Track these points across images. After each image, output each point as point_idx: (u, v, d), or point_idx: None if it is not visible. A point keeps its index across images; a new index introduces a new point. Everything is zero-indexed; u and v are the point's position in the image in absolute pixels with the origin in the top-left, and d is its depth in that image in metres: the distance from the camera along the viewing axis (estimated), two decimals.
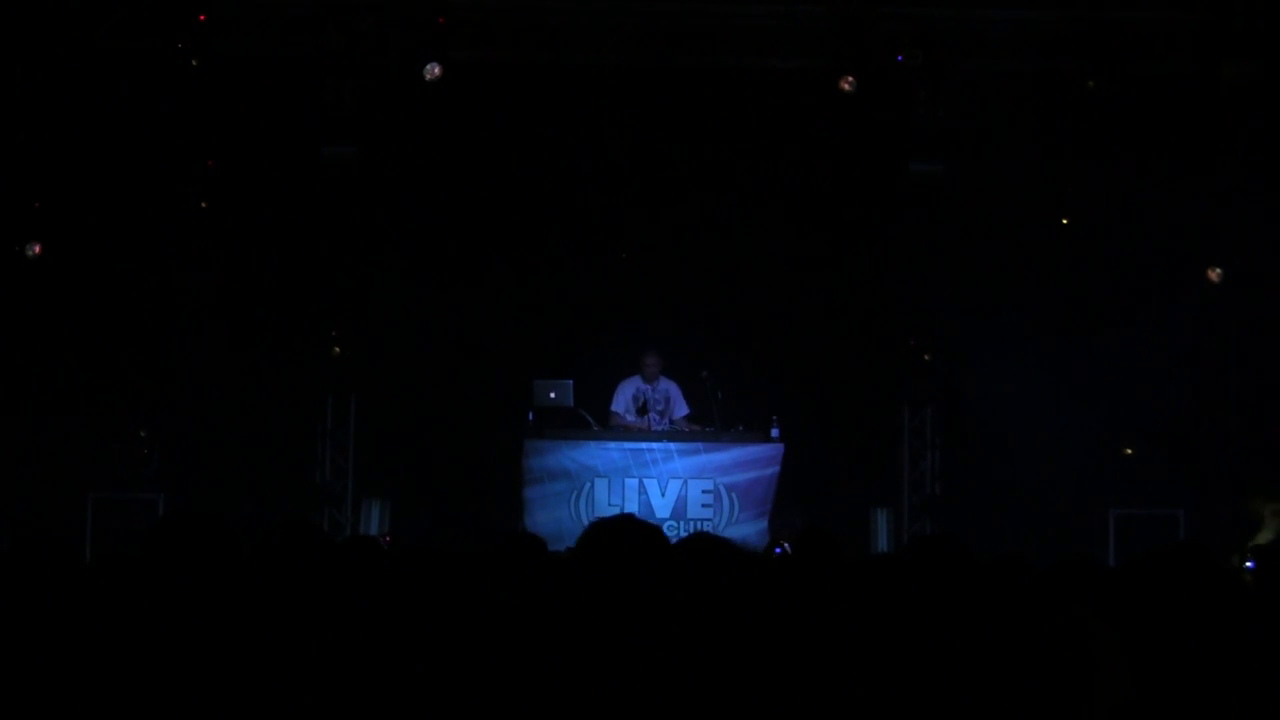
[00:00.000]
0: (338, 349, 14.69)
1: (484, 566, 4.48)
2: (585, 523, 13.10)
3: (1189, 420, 14.16)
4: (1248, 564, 8.62)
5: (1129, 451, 14.22)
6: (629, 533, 3.59)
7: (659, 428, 13.84)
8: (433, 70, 13.50)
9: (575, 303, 14.82)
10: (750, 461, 13.60)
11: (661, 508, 13.48)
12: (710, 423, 13.76)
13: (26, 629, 3.97)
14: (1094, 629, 3.23)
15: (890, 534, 14.48)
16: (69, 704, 3.63)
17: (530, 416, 13.55)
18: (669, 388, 14.05)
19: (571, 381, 13.70)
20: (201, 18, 13.47)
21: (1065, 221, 14.46)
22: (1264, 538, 9.96)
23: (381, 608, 4.06)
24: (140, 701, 3.55)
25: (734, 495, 13.49)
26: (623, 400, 14.02)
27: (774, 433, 13.59)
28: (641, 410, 13.83)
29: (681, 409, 14.01)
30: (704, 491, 13.52)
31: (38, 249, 13.58)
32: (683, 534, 11.39)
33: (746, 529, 13.32)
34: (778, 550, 9.96)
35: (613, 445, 13.61)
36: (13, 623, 4.04)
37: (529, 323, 14.72)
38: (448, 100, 13.98)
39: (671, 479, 13.53)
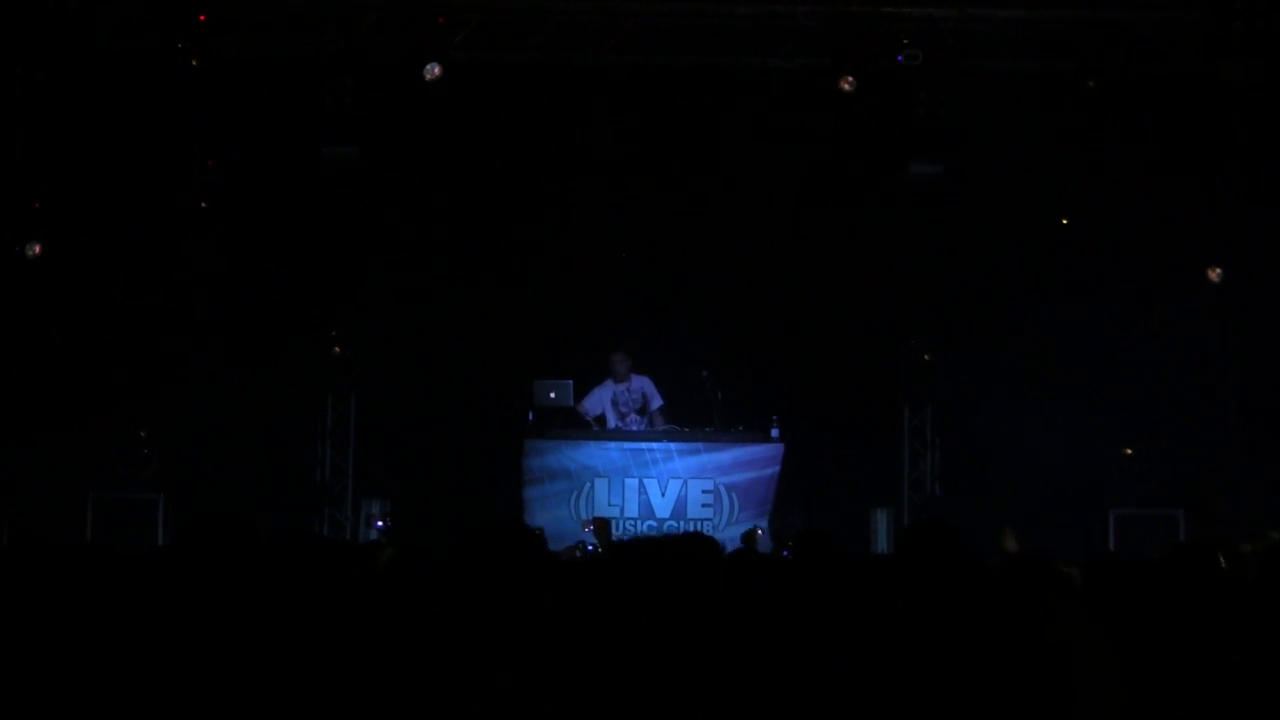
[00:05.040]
0: (338, 349, 14.70)
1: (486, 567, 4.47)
2: (582, 524, 13.16)
3: (1189, 420, 14.17)
4: None
5: (1129, 451, 14.22)
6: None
7: (638, 427, 13.84)
8: (433, 70, 13.50)
9: (575, 303, 14.82)
10: (750, 461, 13.60)
11: (661, 508, 13.49)
12: (710, 423, 13.76)
13: (28, 627, 3.97)
14: (1080, 623, 3.24)
15: (890, 534, 14.48)
16: (67, 702, 3.64)
17: (530, 416, 13.55)
18: (642, 384, 14.05)
19: (571, 381, 13.71)
20: (201, 18, 13.47)
21: (1065, 221, 14.47)
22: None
23: (384, 610, 4.07)
24: (156, 700, 3.56)
25: (734, 495, 13.50)
26: (596, 403, 13.96)
27: (774, 433, 13.59)
28: (619, 415, 13.91)
29: (656, 401, 14.00)
30: (704, 491, 13.52)
31: (38, 249, 13.58)
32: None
33: (747, 529, 13.30)
34: (785, 553, 9.95)
35: (613, 445, 13.61)
36: (13, 622, 4.05)
37: (529, 323, 14.71)
38: (448, 100, 13.97)
39: (671, 479, 13.53)
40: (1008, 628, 3.28)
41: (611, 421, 13.94)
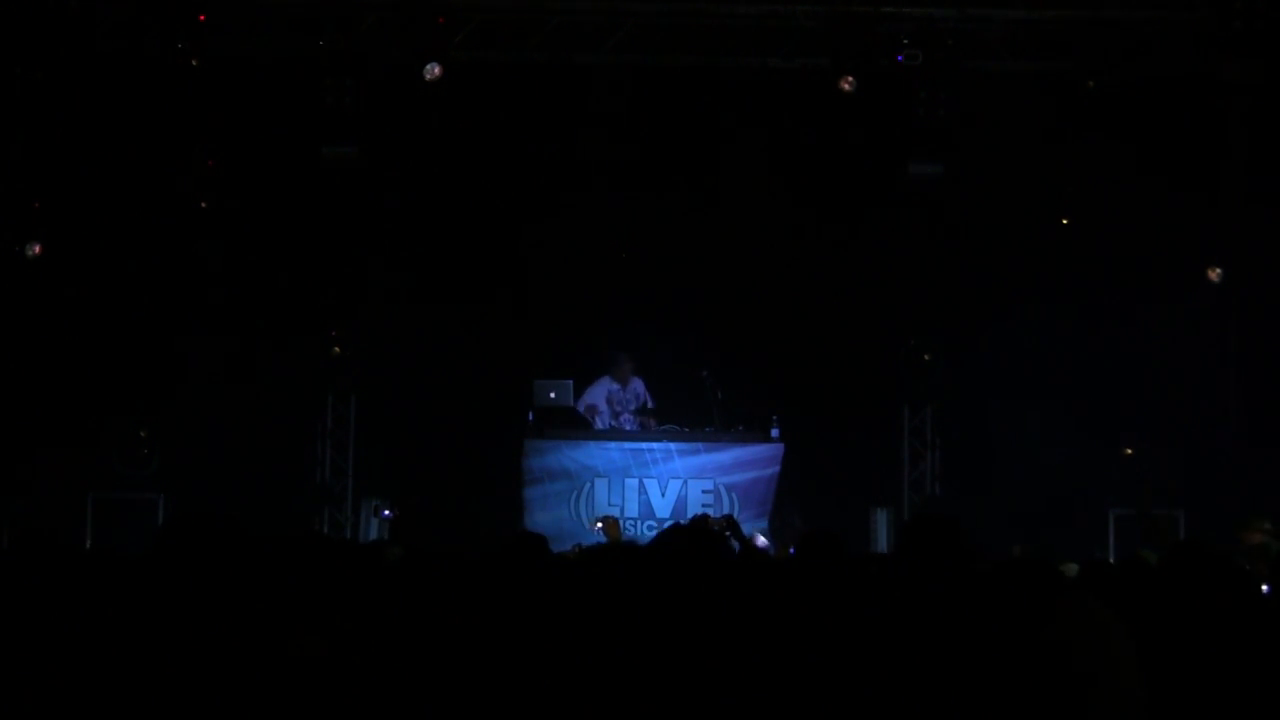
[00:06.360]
0: (338, 349, 14.69)
1: (491, 569, 4.48)
2: (585, 523, 13.17)
3: (1189, 420, 14.16)
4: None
5: (1129, 451, 14.22)
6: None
7: (632, 427, 13.84)
8: (433, 70, 13.50)
9: (575, 303, 14.81)
10: (750, 461, 13.59)
11: (661, 508, 13.48)
12: (710, 423, 13.76)
13: (28, 626, 3.97)
14: (1109, 623, 3.24)
15: (890, 534, 14.47)
16: (68, 701, 3.64)
17: (530, 416, 13.54)
18: (636, 385, 14.07)
19: (571, 381, 13.70)
20: (201, 18, 13.47)
21: (1065, 221, 14.47)
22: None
23: (389, 611, 4.06)
24: (147, 700, 3.56)
25: (734, 495, 13.48)
26: (593, 399, 13.97)
27: (774, 433, 13.58)
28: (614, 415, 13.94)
29: (649, 402, 14.02)
30: (704, 491, 13.51)
31: (38, 249, 13.58)
32: None
33: (746, 529, 13.30)
34: (792, 551, 9.93)
35: (613, 445, 13.60)
36: (14, 621, 4.05)
37: (528, 323, 14.72)
38: (448, 100, 13.97)
39: (671, 479, 13.52)
40: (1009, 627, 3.28)
41: (605, 417, 13.93)
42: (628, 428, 13.87)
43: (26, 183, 13.77)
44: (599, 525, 12.69)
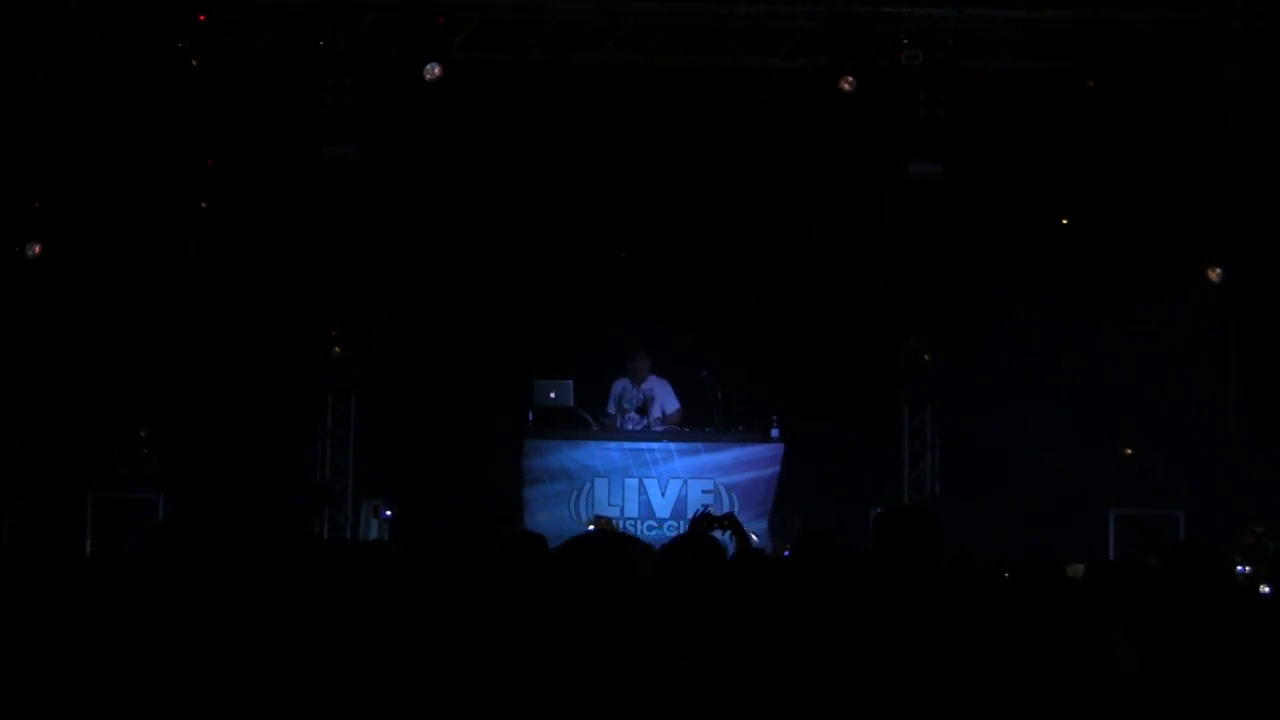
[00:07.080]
0: (338, 349, 14.69)
1: (490, 569, 4.48)
2: (585, 522, 13.17)
3: (1189, 420, 14.17)
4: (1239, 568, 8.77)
5: (1129, 451, 14.22)
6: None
7: (635, 428, 13.82)
8: (433, 70, 13.51)
9: (575, 303, 14.81)
10: (750, 461, 13.59)
11: (661, 508, 13.48)
12: (710, 423, 13.75)
13: (26, 626, 3.98)
14: (1118, 623, 3.24)
15: None
16: (68, 701, 3.64)
17: (530, 416, 13.54)
18: (654, 385, 14.04)
19: (571, 381, 13.70)
20: (201, 18, 13.48)
21: (1065, 221, 14.48)
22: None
23: (386, 611, 4.06)
24: (139, 700, 3.56)
25: (734, 495, 13.48)
26: (612, 402, 14.01)
27: (774, 433, 13.58)
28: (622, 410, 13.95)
29: (671, 404, 13.99)
30: (704, 491, 13.50)
31: (38, 249, 13.58)
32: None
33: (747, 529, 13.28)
34: (786, 553, 9.94)
35: (613, 445, 13.60)
36: (12, 620, 4.05)
37: (529, 323, 14.71)
38: (448, 100, 13.98)
39: (671, 479, 13.52)
40: (1017, 627, 3.28)
41: (620, 418, 13.95)
42: (630, 427, 13.86)
43: (26, 183, 13.77)
44: (591, 526, 12.71)
